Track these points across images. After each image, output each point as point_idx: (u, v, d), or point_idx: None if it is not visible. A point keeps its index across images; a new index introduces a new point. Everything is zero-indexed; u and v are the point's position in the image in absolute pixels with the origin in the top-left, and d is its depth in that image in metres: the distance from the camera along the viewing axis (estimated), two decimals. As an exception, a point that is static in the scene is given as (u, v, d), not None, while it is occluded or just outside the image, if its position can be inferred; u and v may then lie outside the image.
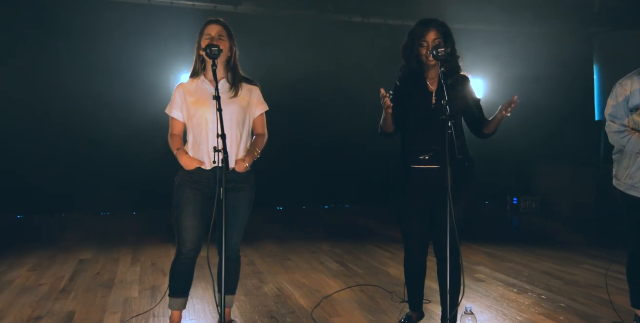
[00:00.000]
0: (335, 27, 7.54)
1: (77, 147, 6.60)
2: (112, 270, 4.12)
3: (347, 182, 7.65)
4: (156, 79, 6.66)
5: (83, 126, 6.51)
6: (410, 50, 2.62)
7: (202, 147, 2.60)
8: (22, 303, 3.27)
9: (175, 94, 2.67)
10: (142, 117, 6.26)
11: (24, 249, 4.79)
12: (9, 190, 6.37)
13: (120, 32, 6.56)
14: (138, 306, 3.23)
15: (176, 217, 2.61)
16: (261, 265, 4.32)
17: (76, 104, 6.48)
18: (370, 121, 2.92)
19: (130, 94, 6.57)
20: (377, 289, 3.64)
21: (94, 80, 6.53)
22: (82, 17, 6.44)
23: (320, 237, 5.57)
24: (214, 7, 6.94)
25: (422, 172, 2.60)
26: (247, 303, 3.32)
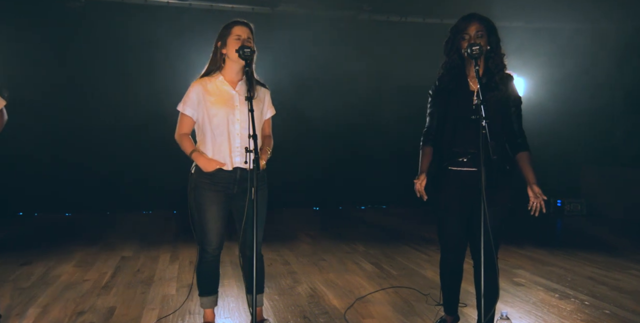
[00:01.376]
0: (373, 27, 7.50)
1: (122, 148, 6.82)
2: (151, 267, 4.24)
3: (385, 182, 7.58)
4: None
5: (128, 127, 6.72)
6: (451, 44, 2.55)
7: (222, 148, 2.60)
8: (66, 298, 3.40)
9: (192, 92, 2.64)
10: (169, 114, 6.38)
11: (71, 246, 4.98)
12: (58, 189, 6.67)
13: (162, 35, 6.72)
14: (175, 303, 3.31)
15: (199, 219, 2.64)
16: (295, 265, 4.34)
17: (122, 105, 6.70)
18: (409, 121, 2.89)
19: (172, 95, 6.71)
20: (412, 291, 3.60)
21: (137, 82, 6.73)
22: (125, 20, 6.63)
23: (355, 237, 5.56)
24: (251, 9, 7.02)
25: (459, 174, 2.56)
26: (280, 303, 3.35)
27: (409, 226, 6.32)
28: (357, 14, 7.32)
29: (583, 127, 7.56)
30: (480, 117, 2.25)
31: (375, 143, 7.50)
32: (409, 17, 7.58)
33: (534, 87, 7.48)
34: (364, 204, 7.82)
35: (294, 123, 7.05)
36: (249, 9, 7.03)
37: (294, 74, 6.98)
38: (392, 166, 7.49)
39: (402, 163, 7.51)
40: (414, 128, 2.83)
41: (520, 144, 2.56)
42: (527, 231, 6.09)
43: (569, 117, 7.44)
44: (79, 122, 6.70)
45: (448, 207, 2.60)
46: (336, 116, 7.36)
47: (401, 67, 7.18)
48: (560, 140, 7.56)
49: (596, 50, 7.33)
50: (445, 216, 2.63)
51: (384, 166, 7.54)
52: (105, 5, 6.67)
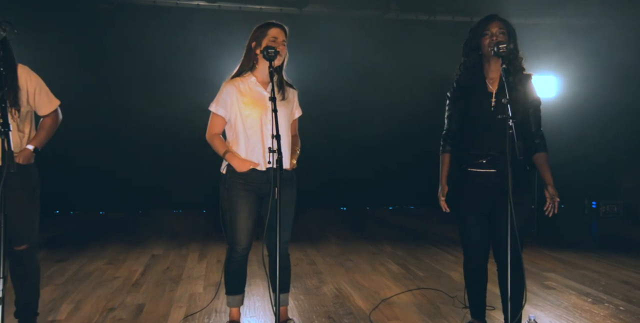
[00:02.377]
0: (400, 26, 7.44)
1: (155, 148, 6.96)
2: (180, 265, 4.31)
3: (412, 182, 7.52)
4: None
5: (160, 128, 6.85)
6: (471, 44, 2.55)
7: (256, 148, 2.63)
8: (98, 294, 3.50)
9: (224, 92, 2.66)
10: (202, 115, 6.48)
11: (104, 243, 5.12)
12: (93, 188, 6.86)
13: (192, 37, 6.83)
14: (202, 301, 3.35)
15: (230, 219, 2.67)
16: (321, 265, 4.35)
17: (153, 106, 6.83)
18: (439, 122, 2.87)
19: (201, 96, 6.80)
20: (439, 293, 3.55)
21: (166, 82, 6.85)
22: (155, 22, 6.78)
23: (382, 238, 5.53)
24: (279, 10, 7.06)
25: (479, 176, 2.54)
26: (305, 302, 3.36)
27: (437, 227, 6.24)
28: (384, 13, 7.28)
29: (621, 127, 7.31)
30: (506, 117, 2.22)
31: (404, 143, 7.44)
32: (438, 16, 7.49)
33: (570, 86, 7.28)
34: (391, 205, 7.78)
35: (322, 123, 7.05)
36: (277, 9, 7.07)
37: (321, 74, 6.99)
38: (419, 166, 7.40)
39: (430, 163, 7.42)
40: (439, 128, 2.84)
41: (537, 145, 2.55)
42: (559, 233, 5.94)
43: (607, 116, 7.21)
44: (112, 123, 6.88)
45: (469, 208, 2.59)
46: (364, 116, 7.34)
47: (430, 67, 7.09)
48: (597, 139, 7.34)
49: (636, 48, 7.09)
50: (466, 217, 2.62)
51: (412, 166, 7.47)
52: (136, 7, 6.82)
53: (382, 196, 7.64)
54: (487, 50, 2.46)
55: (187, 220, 6.68)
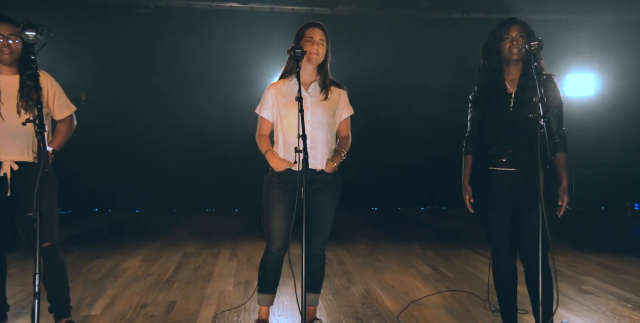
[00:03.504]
0: (433, 24, 7.35)
1: (189, 149, 7.09)
2: (212, 263, 4.38)
3: (445, 183, 7.40)
4: (261, 81, 6.95)
5: (195, 129, 6.98)
6: (491, 47, 2.59)
7: (292, 149, 2.65)
8: (132, 291, 3.59)
9: (267, 95, 2.73)
10: (250, 119, 6.55)
11: (139, 241, 5.25)
12: (130, 187, 7.06)
13: (227, 38, 6.93)
14: (232, 299, 3.40)
15: (266, 217, 2.70)
16: (351, 265, 4.34)
17: (190, 108, 6.97)
18: (465, 119, 2.85)
19: (236, 98, 6.92)
20: (470, 296, 3.49)
21: (204, 83, 6.97)
22: (191, 25, 6.92)
23: (413, 238, 5.47)
24: (311, 11, 7.09)
25: (501, 175, 2.55)
26: (333, 303, 3.36)
27: (469, 228, 6.14)
28: (416, 12, 7.20)
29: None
30: (537, 116, 2.20)
31: (437, 143, 7.35)
32: (472, 14, 7.36)
33: (610, 84, 7.03)
34: (423, 205, 7.69)
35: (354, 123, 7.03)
36: (309, 10, 7.10)
37: (352, 75, 6.95)
38: (453, 167, 7.30)
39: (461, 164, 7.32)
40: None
41: (557, 144, 2.54)
42: (599, 236, 5.75)
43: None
44: (150, 124, 7.05)
45: (491, 206, 2.59)
46: (395, 117, 7.29)
47: (465, 66, 6.95)
48: (636, 139, 7.07)
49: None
50: (489, 215, 2.62)
51: (445, 167, 7.34)
52: (172, 11, 6.96)
53: (414, 196, 7.57)
54: (508, 55, 2.51)
55: (220, 219, 6.78)
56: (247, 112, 6.66)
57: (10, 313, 2.86)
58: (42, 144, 2.01)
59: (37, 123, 2.04)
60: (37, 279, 1.99)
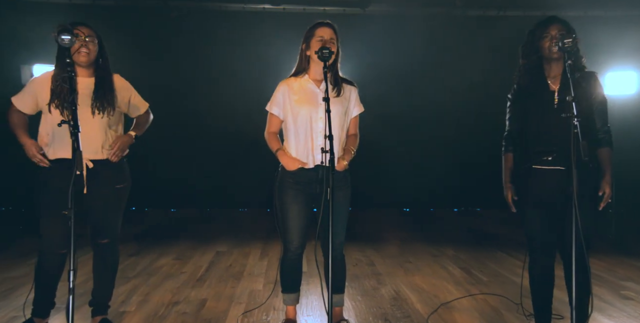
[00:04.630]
0: (468, 23, 7.22)
1: (222, 149, 7.19)
2: (242, 262, 4.43)
3: (479, 184, 7.27)
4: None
5: (229, 129, 7.07)
6: (530, 46, 2.54)
7: (306, 145, 2.66)
8: (165, 288, 3.67)
9: (278, 91, 2.74)
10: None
11: (173, 239, 5.36)
12: (165, 187, 7.21)
13: (258, 39, 7.00)
14: (261, 298, 3.43)
15: (282, 217, 2.71)
16: (380, 266, 4.31)
17: (223, 108, 7.07)
18: (503, 120, 2.79)
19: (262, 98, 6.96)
20: (502, 299, 3.42)
21: (235, 84, 7.05)
22: (225, 26, 7.02)
23: (444, 240, 5.40)
24: (342, 11, 7.09)
25: (544, 173, 2.49)
26: (362, 304, 3.34)
27: (504, 230, 6.01)
28: (450, 10, 7.09)
29: None
30: (570, 116, 2.14)
31: (471, 143, 7.22)
32: (508, 11, 7.19)
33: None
34: (456, 206, 7.56)
35: (386, 123, 6.99)
36: (340, 10, 7.10)
37: (386, 74, 6.94)
38: (487, 167, 7.16)
39: (498, 164, 7.17)
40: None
41: (601, 140, 2.49)
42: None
43: None
44: (183, 125, 7.18)
45: (533, 205, 2.54)
46: (430, 117, 7.20)
47: (501, 65, 6.80)
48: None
49: None
50: (530, 214, 2.56)
51: (479, 167, 7.22)
52: (206, 13, 7.08)
53: (447, 197, 7.44)
54: (548, 53, 2.46)
55: (252, 218, 6.86)
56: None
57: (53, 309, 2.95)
58: (75, 145, 2.07)
59: (72, 124, 2.11)
60: (71, 275, 2.05)
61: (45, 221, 2.65)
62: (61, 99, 2.57)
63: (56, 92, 2.59)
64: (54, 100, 2.60)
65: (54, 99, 2.59)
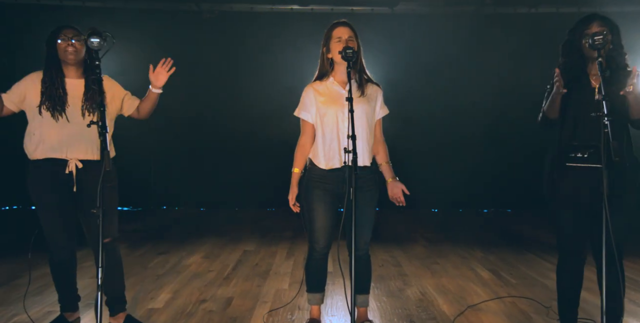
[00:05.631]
0: (498, 21, 7.10)
1: (250, 149, 7.27)
2: (269, 262, 4.46)
3: (511, 184, 7.14)
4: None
5: (257, 129, 7.14)
6: (570, 45, 2.48)
7: (332, 145, 2.66)
8: (192, 286, 3.73)
9: (305, 95, 2.74)
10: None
11: (203, 238, 5.44)
12: (195, 186, 7.35)
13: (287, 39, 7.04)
14: (286, 297, 3.45)
15: (307, 217, 2.72)
16: (407, 267, 4.27)
17: (255, 108, 7.13)
18: (535, 118, 2.74)
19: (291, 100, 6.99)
20: (531, 302, 3.35)
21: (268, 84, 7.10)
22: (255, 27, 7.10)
23: (473, 241, 5.31)
24: (370, 10, 7.07)
25: (578, 171, 2.41)
26: (387, 305, 3.33)
27: (535, 232, 5.88)
28: (479, 8, 7.00)
29: None
30: (602, 115, 2.08)
31: (500, 144, 7.10)
32: (540, 8, 7.05)
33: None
34: (486, 207, 7.44)
35: (415, 123, 6.95)
36: (369, 10, 7.08)
37: (415, 74, 6.89)
38: (518, 168, 7.04)
39: (529, 165, 7.02)
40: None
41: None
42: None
43: None
44: (213, 126, 7.30)
45: (565, 203, 2.48)
46: (459, 116, 7.11)
47: (534, 63, 6.66)
48: None
49: None
50: (562, 213, 2.50)
51: (510, 168, 7.11)
52: (237, 14, 7.18)
53: (476, 198, 7.32)
54: (587, 52, 2.40)
55: (279, 218, 6.89)
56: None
57: (81, 303, 3.04)
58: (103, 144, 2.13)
59: (100, 124, 2.16)
60: (99, 272, 2.11)
61: (45, 220, 2.72)
62: (52, 101, 2.61)
63: (46, 94, 2.63)
64: (44, 103, 2.64)
65: (45, 101, 2.63)
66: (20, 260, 4.26)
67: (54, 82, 2.62)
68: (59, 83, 2.63)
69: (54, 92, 2.61)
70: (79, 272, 3.00)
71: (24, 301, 3.04)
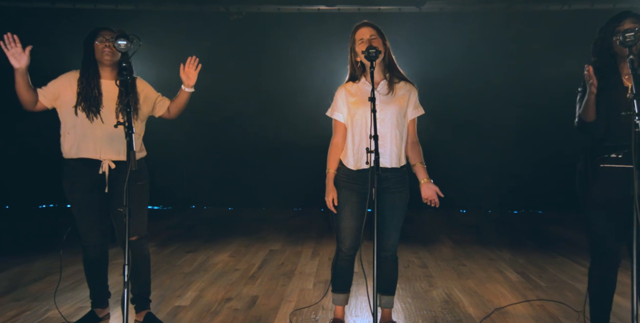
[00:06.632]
0: (530, 18, 6.95)
1: (278, 149, 7.31)
2: (294, 261, 4.48)
3: (541, 185, 6.98)
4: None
5: (287, 130, 7.18)
6: (601, 44, 2.43)
7: (361, 146, 2.65)
8: (219, 284, 3.78)
9: (337, 96, 2.75)
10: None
11: (230, 237, 5.50)
12: (223, 186, 7.45)
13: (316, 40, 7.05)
14: (311, 297, 3.46)
15: (335, 217, 2.72)
16: (433, 269, 4.23)
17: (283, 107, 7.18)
18: (567, 122, 2.66)
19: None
20: (561, 306, 3.27)
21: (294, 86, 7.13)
22: (281, 28, 7.14)
23: (502, 243, 5.21)
24: (398, 10, 7.02)
25: (612, 172, 2.37)
26: (412, 306, 3.30)
27: (567, 234, 5.74)
28: (509, 6, 6.86)
29: None
30: (631, 114, 2.02)
31: (531, 144, 6.95)
32: (573, 4, 6.86)
33: None
34: (516, 208, 7.29)
35: (445, 123, 6.87)
36: (396, 9, 7.03)
37: (444, 73, 6.80)
38: (551, 168, 6.88)
39: (560, 166, 6.86)
40: (572, 123, 2.67)
41: None
42: None
43: None
44: (241, 126, 7.37)
45: (599, 204, 2.42)
46: (487, 116, 6.99)
47: (567, 62, 6.49)
48: None
49: None
50: (595, 218, 2.45)
51: (540, 169, 6.95)
52: (263, 16, 7.23)
53: (506, 199, 7.18)
54: (619, 50, 2.34)
55: (305, 217, 6.92)
56: (324, 115, 6.79)
57: (111, 300, 3.12)
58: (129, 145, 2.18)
59: (127, 125, 2.21)
60: (126, 270, 2.16)
61: (80, 219, 2.79)
62: (88, 102, 2.67)
63: (82, 94, 2.69)
64: (80, 103, 2.69)
65: (81, 101, 2.69)
66: (55, 257, 4.41)
67: (90, 83, 2.68)
68: (95, 84, 2.69)
69: (89, 92, 2.67)
70: (110, 269, 3.08)
71: (54, 297, 3.14)
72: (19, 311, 3.15)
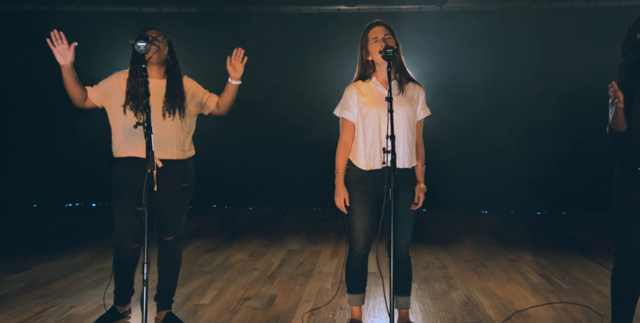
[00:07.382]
0: (553, 16, 6.82)
1: (298, 150, 7.33)
2: (312, 261, 4.49)
3: (566, 186, 6.84)
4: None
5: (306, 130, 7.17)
6: (629, 43, 2.39)
7: (374, 146, 2.64)
8: (238, 283, 3.81)
9: (347, 95, 2.73)
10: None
11: (249, 236, 5.54)
12: (243, 185, 7.49)
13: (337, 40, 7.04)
14: (328, 297, 3.46)
15: (347, 218, 2.72)
16: (453, 269, 4.19)
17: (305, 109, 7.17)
18: (594, 118, 2.62)
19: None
20: (584, 309, 3.21)
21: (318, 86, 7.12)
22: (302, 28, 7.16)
23: (524, 244, 5.13)
24: (419, 9, 6.97)
25: None
26: (431, 307, 3.28)
27: (591, 236, 5.61)
28: (532, 3, 6.74)
29: None
30: None
31: (554, 144, 6.82)
32: (599, 1, 6.71)
33: None
34: (539, 210, 7.16)
35: (466, 122, 6.79)
36: (416, 8, 6.98)
37: (466, 72, 6.73)
38: (574, 169, 6.74)
39: (586, 166, 6.72)
40: (597, 125, 2.61)
41: None
42: None
43: None
44: (261, 126, 7.41)
45: (634, 212, 2.37)
46: (509, 116, 6.88)
47: (593, 60, 6.37)
48: None
49: None
50: (629, 222, 2.40)
51: (565, 169, 6.82)
52: (285, 17, 7.26)
53: (529, 200, 7.04)
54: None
55: (325, 218, 6.92)
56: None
57: (134, 297, 3.17)
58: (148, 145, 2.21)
59: (146, 125, 2.25)
60: (145, 268, 2.19)
61: (119, 217, 2.83)
62: (136, 101, 2.71)
63: (131, 93, 2.73)
64: (129, 102, 2.74)
65: (129, 101, 2.73)
66: (82, 254, 4.51)
67: (138, 82, 2.70)
68: (142, 82, 2.73)
69: (137, 91, 2.70)
70: (139, 267, 3.13)
71: (104, 294, 3.19)
72: (44, 307, 3.23)
